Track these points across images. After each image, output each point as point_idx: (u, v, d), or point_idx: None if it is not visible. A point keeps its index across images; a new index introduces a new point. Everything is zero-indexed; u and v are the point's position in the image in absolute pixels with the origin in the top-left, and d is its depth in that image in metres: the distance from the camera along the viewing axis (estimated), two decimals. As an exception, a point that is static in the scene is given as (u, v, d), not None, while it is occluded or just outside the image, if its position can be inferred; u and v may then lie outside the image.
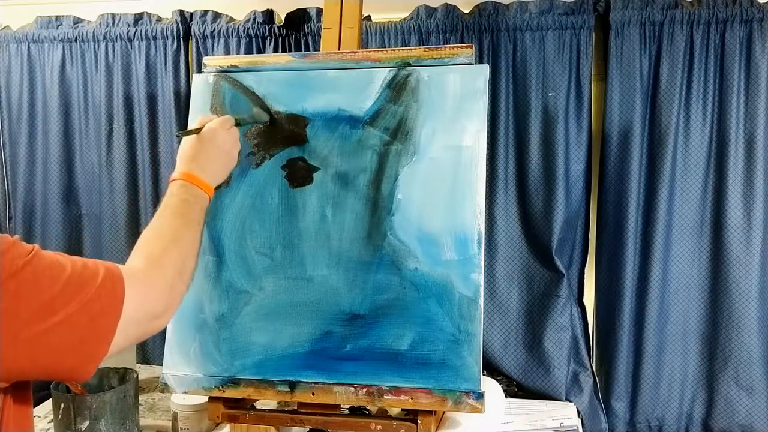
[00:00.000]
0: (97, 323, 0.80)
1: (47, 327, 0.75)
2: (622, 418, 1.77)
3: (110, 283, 0.82)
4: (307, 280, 1.30)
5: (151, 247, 0.98)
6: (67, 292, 0.77)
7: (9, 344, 0.74)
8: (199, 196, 1.11)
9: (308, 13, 1.82)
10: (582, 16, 1.68)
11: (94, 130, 1.96)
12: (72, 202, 2.01)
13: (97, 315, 0.80)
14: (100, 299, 0.80)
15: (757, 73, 1.63)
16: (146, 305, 0.88)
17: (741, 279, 1.67)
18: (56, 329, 0.76)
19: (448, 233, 1.25)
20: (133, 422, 1.42)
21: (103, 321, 0.81)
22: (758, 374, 1.70)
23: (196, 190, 1.11)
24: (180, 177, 1.12)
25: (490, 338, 1.78)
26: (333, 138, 1.33)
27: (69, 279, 0.78)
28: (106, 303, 0.81)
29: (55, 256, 0.80)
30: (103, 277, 0.82)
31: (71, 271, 0.79)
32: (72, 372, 0.82)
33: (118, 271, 0.85)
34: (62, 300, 0.77)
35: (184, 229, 1.04)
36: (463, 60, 1.31)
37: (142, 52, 1.90)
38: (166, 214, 1.06)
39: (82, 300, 0.78)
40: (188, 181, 1.11)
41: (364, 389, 1.24)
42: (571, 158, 1.72)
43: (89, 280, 0.80)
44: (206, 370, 1.30)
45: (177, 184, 1.11)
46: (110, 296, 0.82)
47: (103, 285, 0.81)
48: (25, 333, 0.74)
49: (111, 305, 0.82)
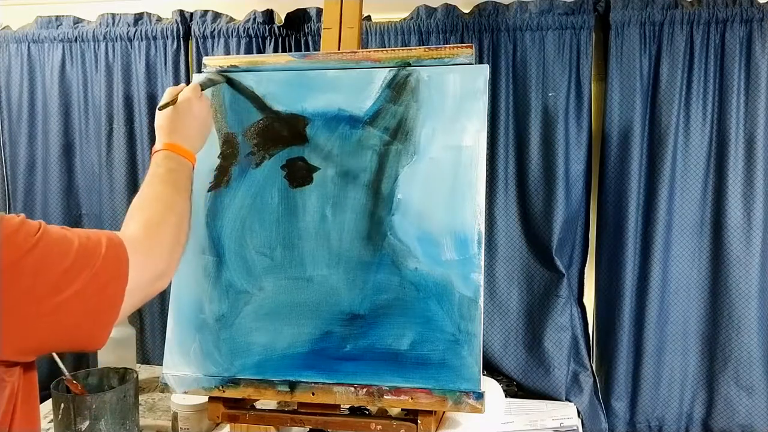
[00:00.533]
0: (106, 291, 0.84)
1: (63, 299, 0.79)
2: (622, 418, 1.77)
3: (113, 252, 0.86)
4: (307, 280, 1.30)
5: (148, 213, 1.01)
6: (77, 264, 0.81)
7: (32, 318, 0.77)
8: (184, 164, 1.15)
9: (308, 13, 1.82)
10: (582, 16, 1.68)
11: (94, 130, 1.96)
12: (72, 202, 2.01)
13: (106, 283, 0.84)
14: (107, 268, 0.84)
15: (757, 73, 1.63)
16: (149, 270, 0.92)
17: (741, 279, 1.67)
18: (70, 301, 0.80)
19: (448, 233, 1.25)
20: (133, 422, 1.42)
21: (112, 289, 0.85)
22: (758, 374, 1.70)
23: (181, 159, 1.14)
24: (163, 148, 1.15)
25: (490, 338, 1.78)
26: (333, 138, 1.33)
27: (78, 251, 0.82)
28: (112, 271, 0.85)
29: (62, 231, 0.83)
30: (106, 246, 0.85)
31: (78, 244, 0.82)
32: (88, 340, 0.85)
33: (119, 239, 0.88)
34: (74, 272, 0.80)
35: (176, 196, 1.08)
36: (463, 60, 1.31)
37: (142, 52, 1.90)
38: (155, 183, 1.09)
39: (92, 270, 0.82)
40: (172, 151, 1.14)
41: (364, 389, 1.24)
42: (571, 158, 1.72)
43: (95, 251, 0.84)
44: (206, 370, 1.30)
45: (161, 154, 1.14)
46: (115, 264, 0.86)
47: (108, 254, 0.85)
48: (45, 306, 0.78)
49: (117, 273, 0.85)
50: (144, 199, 1.05)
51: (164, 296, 1.92)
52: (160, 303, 1.96)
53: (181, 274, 1.34)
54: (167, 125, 1.18)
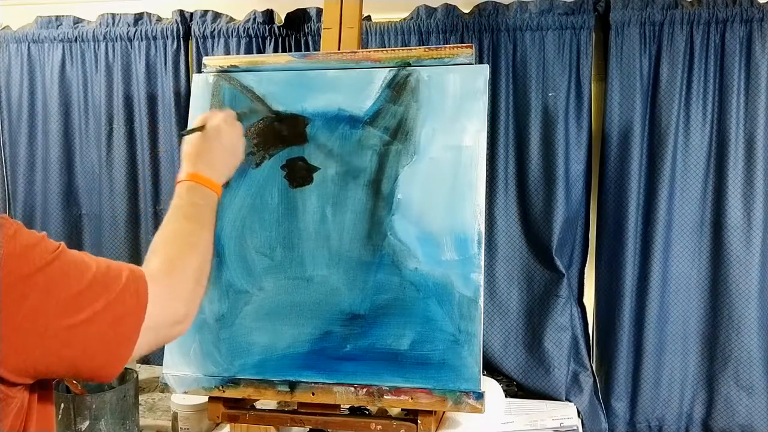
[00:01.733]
0: (121, 324, 0.80)
1: (73, 323, 0.76)
2: (622, 418, 1.77)
3: (134, 285, 0.82)
4: (307, 280, 1.30)
5: (170, 251, 0.96)
6: (92, 290, 0.78)
7: (37, 338, 0.74)
8: (209, 197, 1.09)
9: (308, 13, 1.82)
10: (582, 16, 1.68)
11: (94, 130, 1.96)
12: (72, 202, 2.01)
13: (122, 315, 0.80)
14: (124, 300, 0.81)
15: (757, 73, 1.63)
16: (168, 310, 0.88)
17: (741, 279, 1.67)
18: (82, 326, 0.76)
19: (448, 233, 1.25)
20: (133, 422, 1.42)
21: (128, 322, 0.81)
22: (758, 374, 1.70)
23: (205, 191, 1.09)
24: (188, 178, 1.09)
25: (490, 338, 1.78)
26: (333, 138, 1.33)
27: (95, 277, 0.79)
28: (130, 304, 0.81)
29: (81, 255, 0.81)
30: (126, 278, 0.82)
31: (96, 270, 0.80)
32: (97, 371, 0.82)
33: (141, 273, 0.85)
34: (88, 297, 0.77)
35: (200, 233, 1.02)
36: (463, 60, 1.32)
37: (142, 52, 1.90)
38: (179, 217, 1.03)
39: (108, 299, 0.79)
40: (196, 182, 1.09)
41: (364, 389, 1.24)
42: (571, 158, 1.72)
43: (114, 280, 0.81)
44: (206, 370, 1.30)
45: (185, 185, 1.08)
46: (134, 298, 0.82)
47: (127, 286, 0.81)
48: (52, 328, 0.75)
49: (135, 307, 0.82)
50: (168, 235, 0.99)
51: (164, 296, 1.92)
52: (160, 303, 1.96)
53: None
54: (193, 153, 1.12)
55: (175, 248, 0.97)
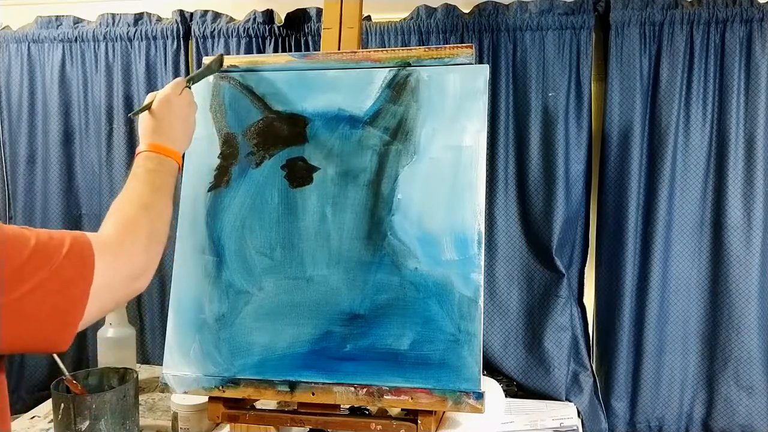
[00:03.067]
0: (68, 290, 0.82)
1: (18, 296, 0.77)
2: (622, 418, 1.77)
3: (78, 250, 0.84)
4: (307, 280, 1.30)
5: (120, 214, 1.00)
6: (34, 261, 0.79)
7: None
8: (165, 163, 1.14)
9: (308, 13, 1.82)
10: (582, 16, 1.68)
11: (94, 130, 1.96)
12: (72, 202, 2.01)
13: (68, 282, 0.82)
14: (69, 266, 0.82)
15: (757, 73, 1.63)
16: (120, 270, 0.91)
17: (741, 279, 1.67)
18: (28, 298, 0.78)
19: (448, 233, 1.25)
20: (133, 422, 1.42)
21: (75, 287, 0.83)
22: (758, 374, 1.70)
23: (162, 158, 1.14)
24: (145, 149, 1.15)
25: (490, 338, 1.78)
26: (333, 138, 1.33)
27: (35, 248, 0.80)
28: (76, 270, 0.83)
29: (19, 229, 0.82)
30: (70, 244, 0.83)
31: (36, 241, 0.81)
32: (50, 340, 0.83)
33: (85, 239, 0.87)
34: (30, 268, 0.78)
35: (152, 195, 1.06)
36: (463, 60, 1.32)
37: (142, 52, 1.90)
38: (132, 183, 1.09)
39: (51, 268, 0.80)
40: (153, 151, 1.14)
41: (364, 389, 1.24)
42: (571, 158, 1.72)
43: (56, 249, 0.82)
44: (206, 370, 1.30)
45: (141, 156, 1.14)
46: (79, 263, 0.84)
47: (71, 252, 0.83)
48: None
49: (81, 272, 0.84)
50: (119, 201, 1.05)
51: (164, 296, 1.93)
52: (160, 303, 1.96)
53: (181, 274, 1.35)
54: (147, 128, 1.18)
55: (125, 211, 1.01)
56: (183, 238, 1.36)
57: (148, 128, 1.18)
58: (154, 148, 1.14)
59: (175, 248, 1.36)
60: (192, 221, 1.36)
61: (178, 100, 1.22)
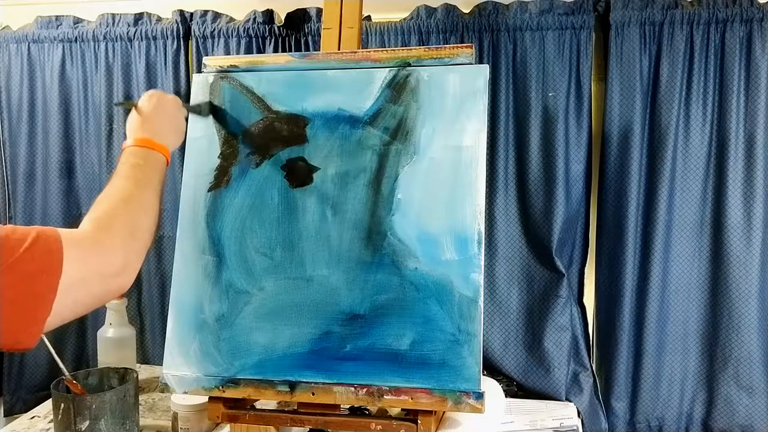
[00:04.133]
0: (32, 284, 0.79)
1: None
2: (622, 418, 1.77)
3: (43, 244, 0.81)
4: (307, 280, 1.30)
5: (99, 209, 0.98)
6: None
7: None
8: (151, 157, 1.12)
9: (308, 13, 1.82)
10: (582, 16, 1.68)
11: (94, 130, 1.96)
12: (72, 203, 2.01)
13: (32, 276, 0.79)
14: (32, 261, 0.79)
15: (757, 73, 1.63)
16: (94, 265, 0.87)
17: (741, 279, 1.67)
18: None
19: (448, 233, 1.25)
20: (133, 422, 1.42)
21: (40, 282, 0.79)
22: (758, 374, 1.70)
23: (148, 153, 1.12)
24: (130, 144, 1.13)
25: (490, 338, 1.78)
26: (333, 138, 1.33)
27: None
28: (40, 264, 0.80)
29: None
30: (33, 239, 0.80)
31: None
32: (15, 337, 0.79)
33: (53, 233, 0.84)
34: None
35: (134, 189, 1.04)
36: (463, 60, 1.31)
37: (142, 52, 1.90)
38: (114, 179, 1.07)
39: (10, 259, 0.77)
40: (139, 146, 1.12)
41: (364, 389, 1.24)
42: (571, 158, 1.72)
43: (17, 243, 0.79)
44: (206, 370, 1.30)
45: (126, 151, 1.12)
46: (45, 257, 0.80)
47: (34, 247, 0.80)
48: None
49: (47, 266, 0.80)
50: (100, 197, 1.02)
51: (164, 296, 1.93)
52: (160, 303, 1.96)
53: (181, 274, 1.35)
54: (135, 123, 1.17)
55: (103, 206, 0.98)
56: (183, 238, 1.36)
57: (134, 124, 1.17)
58: (140, 143, 1.13)
59: (175, 248, 1.36)
60: (192, 221, 1.36)
61: (166, 98, 1.22)
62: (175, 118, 1.24)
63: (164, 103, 1.21)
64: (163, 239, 1.90)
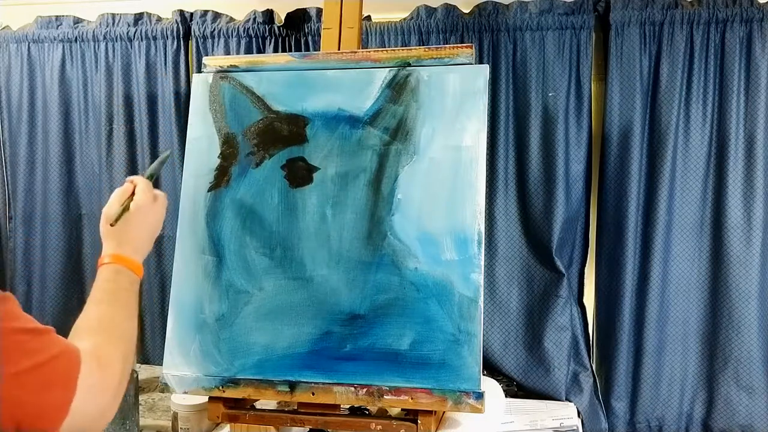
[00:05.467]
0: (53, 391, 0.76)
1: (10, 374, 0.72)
2: (622, 418, 1.77)
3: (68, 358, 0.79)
4: (307, 280, 1.30)
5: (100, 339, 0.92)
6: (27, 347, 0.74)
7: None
8: (134, 281, 1.07)
9: (308, 13, 1.82)
10: (582, 16, 1.68)
11: (94, 130, 1.96)
12: (72, 202, 2.01)
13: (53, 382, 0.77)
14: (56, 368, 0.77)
15: (757, 73, 1.63)
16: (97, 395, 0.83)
17: (741, 279, 1.67)
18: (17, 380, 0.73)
19: (448, 233, 1.25)
20: (133, 422, 1.42)
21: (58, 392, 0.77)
22: (758, 374, 1.70)
23: (131, 275, 1.07)
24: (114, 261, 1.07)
25: (490, 338, 1.78)
26: (333, 138, 1.33)
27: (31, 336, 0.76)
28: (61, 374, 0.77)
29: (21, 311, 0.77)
30: (61, 349, 0.78)
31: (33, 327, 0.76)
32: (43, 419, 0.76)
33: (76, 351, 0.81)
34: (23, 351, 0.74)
35: (128, 322, 1.00)
36: (463, 60, 1.32)
37: (142, 52, 1.90)
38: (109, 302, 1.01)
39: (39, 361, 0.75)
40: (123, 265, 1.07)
41: (364, 389, 1.24)
42: (571, 158, 1.72)
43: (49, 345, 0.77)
44: (206, 370, 1.30)
45: (111, 268, 1.06)
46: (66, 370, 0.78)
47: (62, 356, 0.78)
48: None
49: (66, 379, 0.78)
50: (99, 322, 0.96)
51: (164, 296, 1.93)
52: (160, 303, 1.96)
53: (181, 274, 1.35)
54: (117, 235, 1.10)
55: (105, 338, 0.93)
56: (183, 238, 1.36)
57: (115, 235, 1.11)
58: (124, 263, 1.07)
59: (175, 248, 1.36)
60: (192, 221, 1.36)
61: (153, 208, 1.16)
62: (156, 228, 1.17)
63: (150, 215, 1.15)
64: (163, 239, 1.89)
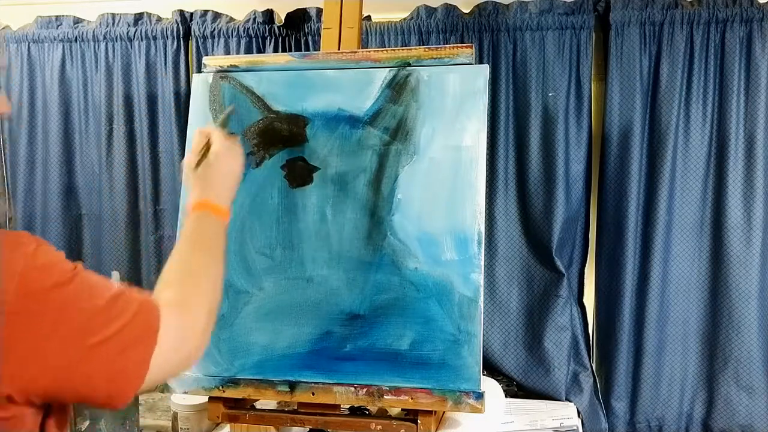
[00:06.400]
0: (133, 350, 0.78)
1: (88, 344, 0.74)
2: (622, 418, 1.77)
3: (146, 314, 0.81)
4: (307, 280, 1.30)
5: (185, 287, 0.93)
6: (107, 314, 0.76)
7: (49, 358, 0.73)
8: (219, 226, 1.06)
9: (308, 13, 1.82)
10: (582, 16, 1.68)
11: (94, 130, 1.96)
12: (72, 202, 2.01)
13: (133, 343, 0.78)
14: (136, 327, 0.79)
15: (757, 73, 1.63)
16: (180, 346, 0.85)
17: (741, 279, 1.67)
18: (93, 352, 0.75)
19: (448, 233, 1.25)
20: (133, 422, 1.42)
21: (139, 350, 0.79)
22: (758, 374, 1.70)
23: (215, 220, 1.06)
24: (199, 207, 1.07)
25: (490, 338, 1.78)
26: (333, 138, 1.33)
27: (110, 301, 0.77)
28: (141, 332, 0.79)
29: (97, 278, 0.79)
30: (139, 306, 0.80)
31: (110, 295, 0.78)
32: (107, 399, 0.79)
33: (154, 307, 0.83)
34: (101, 321, 0.76)
35: (214, 267, 0.99)
36: (463, 60, 1.31)
37: (142, 52, 1.90)
38: (194, 249, 1.01)
39: (119, 325, 0.77)
40: (208, 211, 1.06)
41: (364, 389, 1.24)
42: (571, 158, 1.72)
43: (126, 306, 0.79)
44: (206, 370, 1.30)
45: (195, 215, 1.06)
46: (145, 326, 0.80)
47: (139, 315, 0.80)
48: (66, 348, 0.73)
49: (145, 335, 0.80)
50: (183, 268, 0.96)
51: (164, 296, 1.92)
52: (160, 303, 1.96)
53: (181, 274, 1.34)
54: (199, 182, 1.09)
55: (190, 284, 0.94)
56: (183, 238, 1.36)
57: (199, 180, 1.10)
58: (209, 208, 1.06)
59: (175, 248, 1.36)
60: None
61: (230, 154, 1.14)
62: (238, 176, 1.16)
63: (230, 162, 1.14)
64: (163, 239, 1.90)
